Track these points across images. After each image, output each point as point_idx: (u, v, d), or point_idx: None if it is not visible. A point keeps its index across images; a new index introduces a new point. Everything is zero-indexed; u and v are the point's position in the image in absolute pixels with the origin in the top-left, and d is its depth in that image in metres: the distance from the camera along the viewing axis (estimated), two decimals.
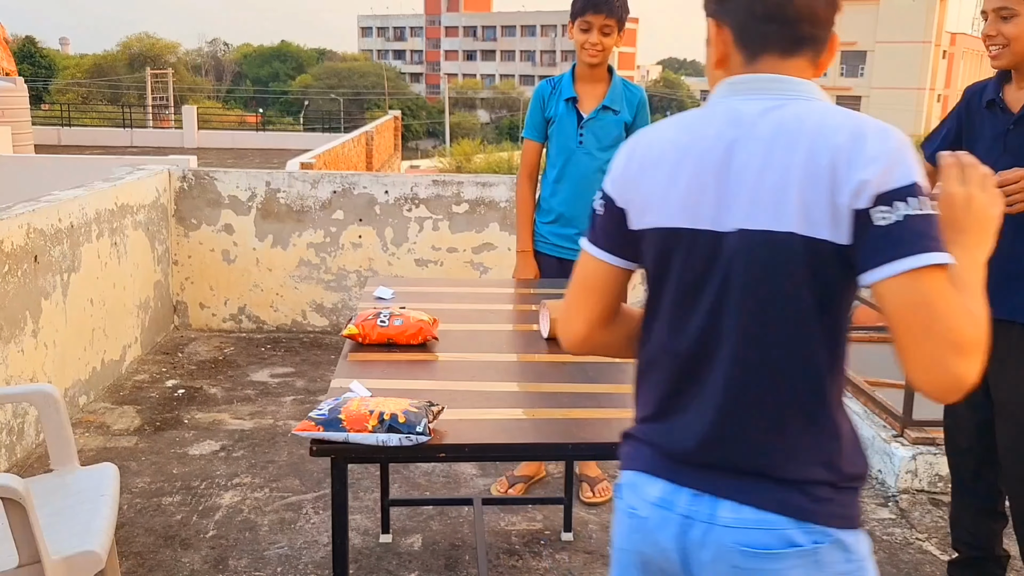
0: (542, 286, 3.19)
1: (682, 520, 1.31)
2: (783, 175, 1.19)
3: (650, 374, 1.36)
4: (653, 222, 1.30)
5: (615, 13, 3.17)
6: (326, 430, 1.74)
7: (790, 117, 1.22)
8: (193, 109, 25.28)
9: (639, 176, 1.32)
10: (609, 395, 2.04)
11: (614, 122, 3.31)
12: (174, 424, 4.09)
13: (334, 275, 5.53)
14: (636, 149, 1.34)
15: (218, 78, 75.94)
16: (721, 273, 1.25)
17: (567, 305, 1.43)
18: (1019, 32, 2.32)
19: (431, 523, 3.23)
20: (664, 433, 1.34)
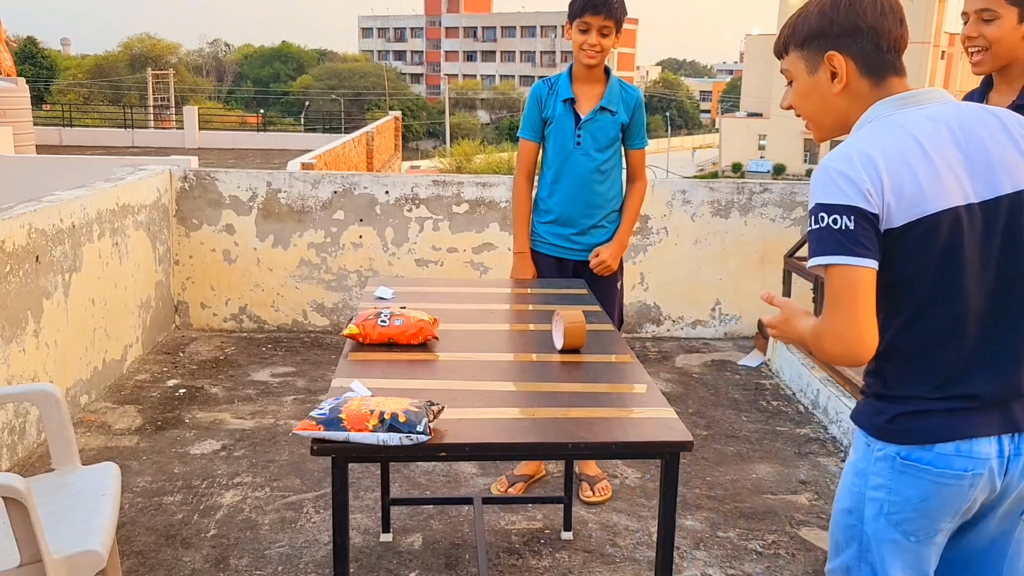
0: (540, 286, 3.19)
1: (1004, 463, 1.58)
2: (1004, 147, 1.55)
3: (933, 349, 1.57)
4: (924, 210, 1.51)
5: (613, 14, 3.17)
6: (327, 429, 1.75)
7: (960, 111, 1.57)
8: (194, 110, 25.27)
9: (894, 180, 1.50)
10: (609, 395, 2.05)
11: (611, 123, 3.31)
12: (175, 423, 4.10)
13: (335, 275, 5.54)
14: (874, 160, 1.51)
15: (219, 79, 75.97)
16: (1001, 233, 1.54)
17: (848, 324, 1.51)
18: (1001, 34, 2.30)
19: (431, 522, 3.24)
20: (971, 391, 1.56)
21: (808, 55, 1.66)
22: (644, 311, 5.65)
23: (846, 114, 1.65)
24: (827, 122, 1.70)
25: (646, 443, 1.89)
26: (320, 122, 41.48)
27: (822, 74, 1.64)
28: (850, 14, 1.60)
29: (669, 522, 1.87)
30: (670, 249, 5.60)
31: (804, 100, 1.70)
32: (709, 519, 3.32)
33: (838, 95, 1.64)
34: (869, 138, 1.56)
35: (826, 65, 1.63)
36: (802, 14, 1.69)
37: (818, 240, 1.52)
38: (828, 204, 1.51)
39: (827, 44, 1.62)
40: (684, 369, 5.08)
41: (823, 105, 1.67)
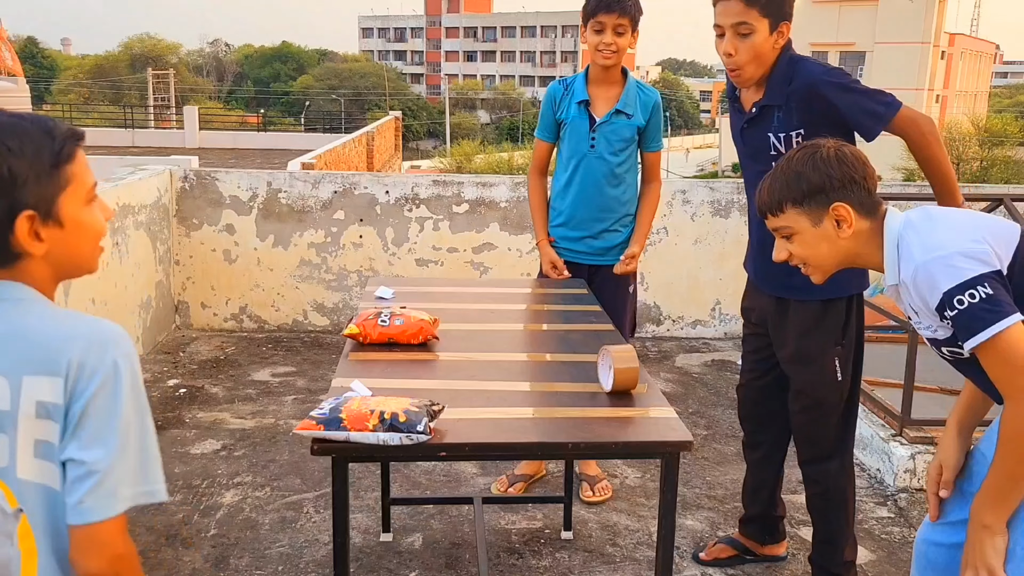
0: (541, 286, 3.19)
1: None
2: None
3: None
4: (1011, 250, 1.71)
5: (628, 12, 3.13)
6: (327, 429, 1.75)
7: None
8: (195, 109, 25.29)
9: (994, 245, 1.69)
10: (609, 395, 2.05)
11: (627, 126, 3.27)
12: (175, 423, 4.10)
13: (335, 275, 5.54)
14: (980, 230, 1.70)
15: (219, 79, 75.97)
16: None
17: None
18: (758, 47, 2.40)
19: (432, 522, 3.24)
20: None
21: (810, 210, 1.85)
22: (644, 311, 5.64)
23: (856, 251, 1.86)
24: (833, 263, 1.89)
25: (646, 443, 1.90)
26: (320, 122, 41.48)
27: (827, 223, 1.85)
28: (843, 168, 1.84)
29: (669, 522, 1.87)
30: (670, 249, 5.60)
31: (813, 249, 1.88)
32: (709, 519, 3.32)
33: (848, 239, 1.84)
34: (940, 224, 1.74)
35: (831, 216, 1.83)
36: (792, 174, 1.87)
37: (968, 320, 1.63)
38: (960, 284, 1.63)
39: (829, 197, 1.83)
40: (684, 369, 5.08)
41: (832, 250, 1.87)
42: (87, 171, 1.32)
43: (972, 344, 1.63)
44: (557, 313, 2.81)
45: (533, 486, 3.54)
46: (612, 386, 2.03)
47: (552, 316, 2.79)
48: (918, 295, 1.70)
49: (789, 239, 1.91)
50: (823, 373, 2.55)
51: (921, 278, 1.68)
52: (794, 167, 1.87)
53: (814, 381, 2.57)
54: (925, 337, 1.83)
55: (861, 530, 3.25)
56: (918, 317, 1.79)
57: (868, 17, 45.92)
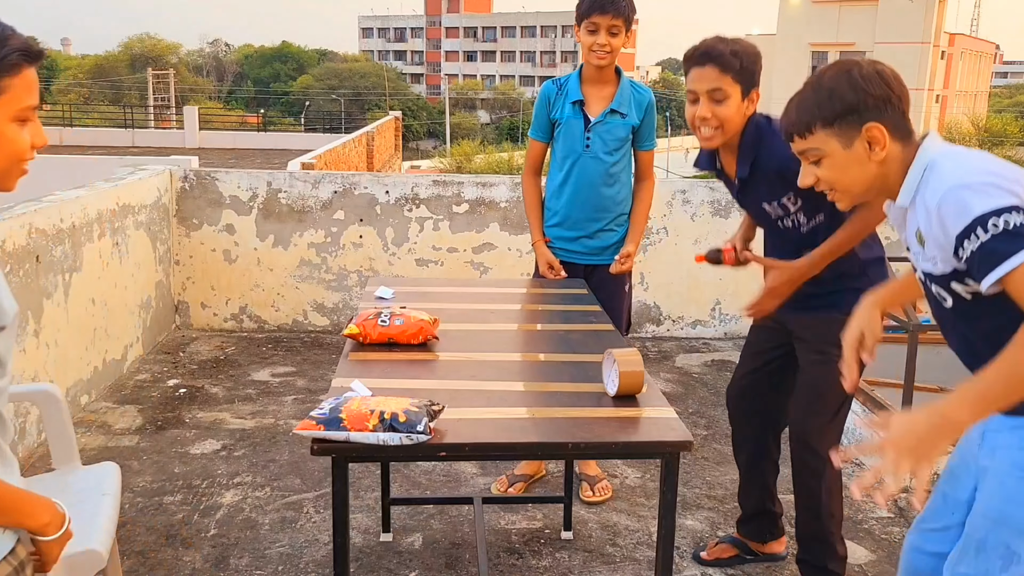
0: (541, 286, 3.19)
1: None
2: None
3: None
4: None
5: (622, 13, 3.13)
6: (327, 429, 1.75)
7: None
8: (194, 109, 25.29)
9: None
10: (607, 392, 2.05)
11: (621, 125, 3.27)
12: (175, 423, 4.10)
13: (335, 275, 5.54)
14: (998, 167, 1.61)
15: (219, 79, 75.98)
16: None
17: None
18: (731, 113, 2.48)
19: (432, 522, 3.24)
20: None
21: (841, 130, 1.73)
22: (644, 311, 5.65)
23: (885, 178, 1.75)
24: (861, 190, 1.78)
25: (646, 443, 1.90)
26: (320, 122, 41.49)
27: (859, 146, 1.73)
28: (882, 86, 1.72)
29: (669, 522, 1.87)
30: (670, 249, 5.60)
31: (842, 173, 1.76)
32: (709, 519, 3.32)
33: (879, 162, 1.73)
34: (977, 157, 1.65)
35: (863, 137, 1.72)
36: (824, 92, 1.74)
37: (1005, 243, 1.52)
38: (997, 209, 1.53)
39: (863, 117, 1.71)
40: (684, 369, 5.08)
41: (862, 174, 1.75)
42: (28, 91, 1.30)
43: (1003, 270, 1.52)
44: (557, 313, 2.81)
45: (533, 486, 3.54)
46: (617, 390, 2.00)
47: (552, 316, 2.78)
48: (938, 220, 1.60)
49: (817, 163, 1.79)
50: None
51: (950, 200, 1.57)
52: (826, 84, 1.75)
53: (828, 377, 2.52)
54: (920, 270, 1.75)
55: (861, 530, 3.25)
56: (920, 246, 1.70)
57: (868, 17, 45.92)
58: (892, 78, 1.74)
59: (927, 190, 1.65)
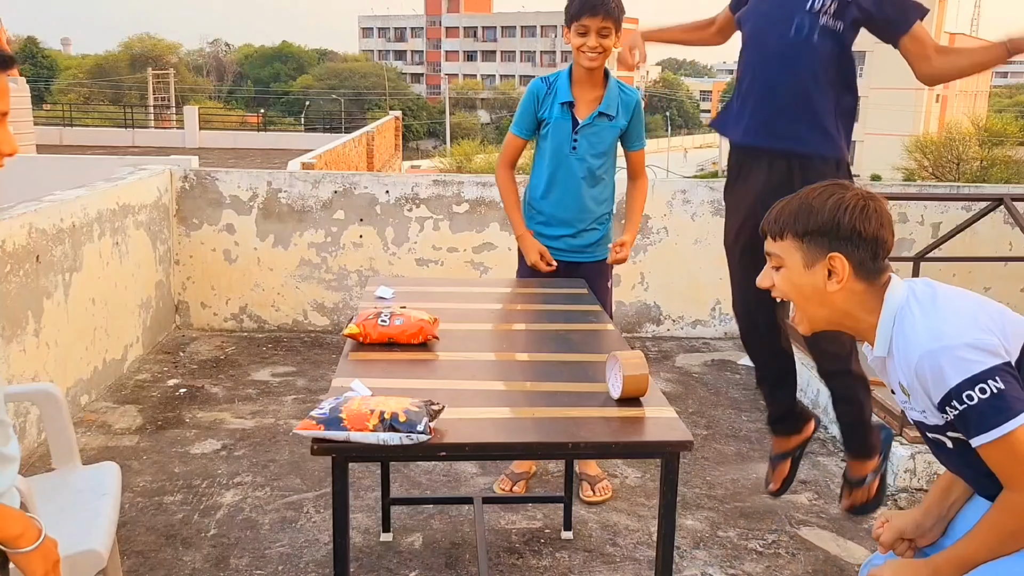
0: (541, 285, 3.19)
1: None
2: None
3: None
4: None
5: (612, 14, 3.13)
6: (327, 429, 1.75)
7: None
8: (195, 109, 25.28)
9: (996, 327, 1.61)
10: (609, 394, 2.04)
11: (609, 128, 3.27)
12: (175, 423, 4.10)
13: (335, 275, 5.54)
14: (978, 320, 1.61)
15: (219, 78, 75.98)
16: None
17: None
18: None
19: (432, 522, 3.24)
20: None
21: (807, 248, 1.70)
22: (644, 311, 5.65)
23: (849, 316, 1.72)
24: (820, 316, 1.75)
25: (646, 443, 1.90)
26: (320, 122, 41.50)
27: (818, 270, 1.70)
28: (857, 221, 1.67)
29: (669, 522, 1.87)
30: (670, 249, 5.60)
31: (796, 291, 1.74)
32: (709, 519, 3.32)
33: (836, 294, 1.70)
34: (947, 309, 1.64)
35: (825, 263, 1.69)
36: (805, 205, 1.71)
37: (980, 415, 1.54)
38: (970, 378, 1.55)
39: (830, 244, 1.68)
40: (684, 369, 5.08)
41: (818, 300, 1.72)
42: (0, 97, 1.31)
43: (982, 441, 1.56)
44: (557, 313, 2.81)
45: (532, 485, 3.54)
46: (621, 393, 1.98)
47: (552, 316, 2.78)
48: (920, 383, 1.61)
49: (777, 270, 1.76)
50: None
51: (927, 366, 1.58)
52: (810, 199, 1.72)
53: None
54: (911, 419, 1.75)
55: (861, 530, 3.25)
56: (905, 396, 1.70)
57: None
58: (876, 215, 1.68)
59: (902, 344, 1.64)
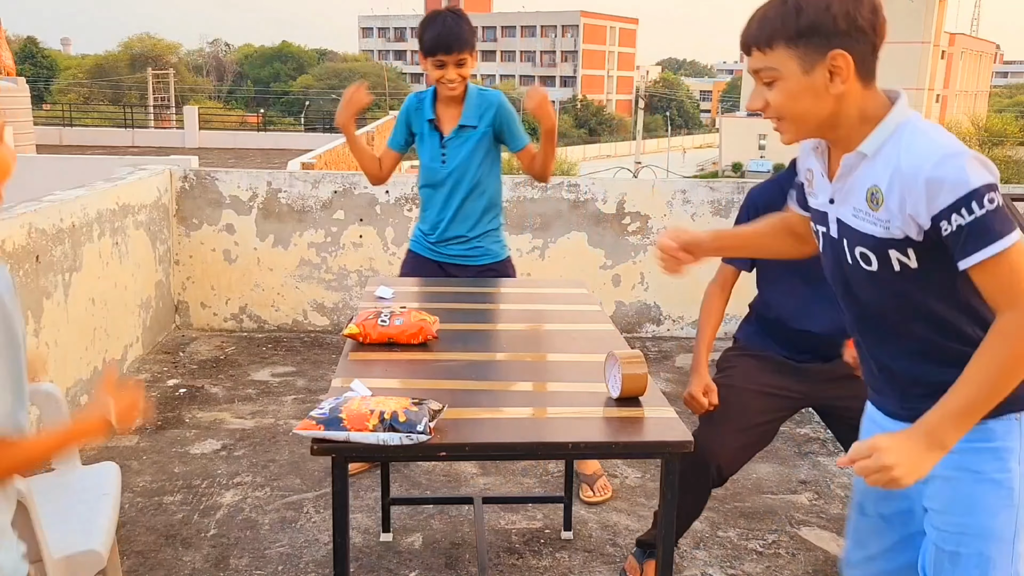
0: (540, 286, 3.19)
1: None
2: None
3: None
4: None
5: (466, 47, 3.19)
6: (327, 429, 1.75)
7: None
8: (194, 109, 25.28)
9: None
10: (609, 394, 2.05)
11: (474, 136, 3.32)
12: (175, 423, 4.10)
13: (335, 275, 5.54)
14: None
15: (219, 78, 75.97)
16: None
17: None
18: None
19: (431, 522, 3.24)
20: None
21: (805, 52, 1.53)
22: (644, 311, 5.65)
23: (837, 118, 1.59)
24: (813, 124, 1.60)
25: (646, 443, 1.90)
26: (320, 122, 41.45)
27: (819, 73, 1.54)
28: (851, 8, 1.51)
29: (669, 522, 1.87)
30: None
31: (794, 101, 1.57)
32: (709, 519, 3.32)
33: (834, 97, 1.56)
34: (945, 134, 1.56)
35: (826, 64, 1.53)
36: (789, 4, 1.54)
37: (994, 224, 1.46)
38: (990, 184, 1.47)
39: (831, 42, 1.52)
40: (684, 369, 5.08)
41: (816, 105, 1.57)
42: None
43: (989, 252, 1.46)
44: (557, 313, 2.81)
45: (531, 483, 3.54)
46: (620, 393, 1.98)
47: (552, 316, 2.78)
48: (925, 186, 1.48)
49: (770, 85, 1.59)
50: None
51: (948, 167, 1.46)
52: (788, 1, 1.54)
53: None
54: (846, 228, 1.63)
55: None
56: (869, 205, 1.58)
57: None
58: (872, 8, 1.53)
59: (902, 151, 1.53)
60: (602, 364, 2.12)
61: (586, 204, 5.49)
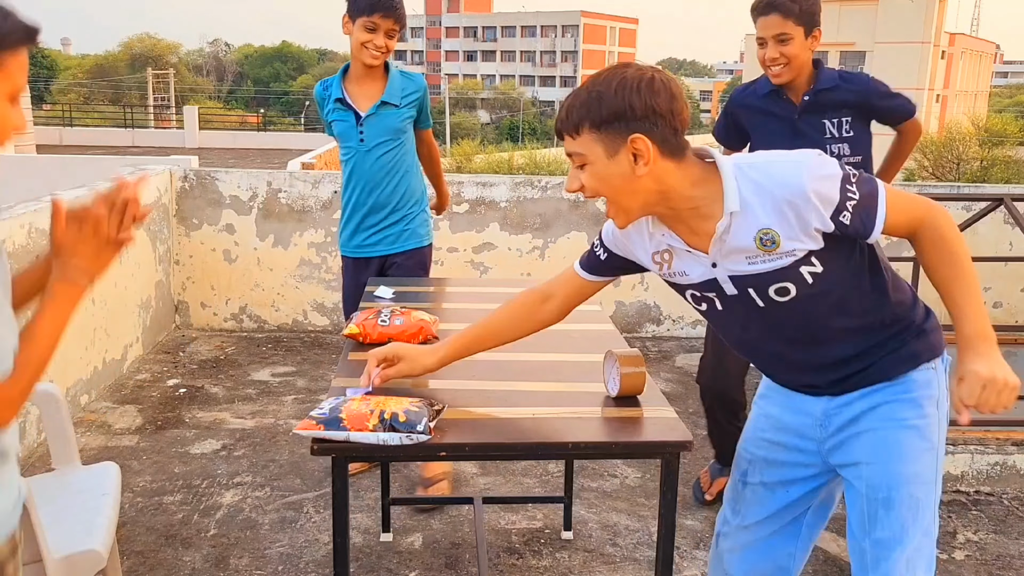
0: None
1: None
2: None
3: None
4: None
5: (401, 20, 3.17)
6: (327, 429, 1.75)
7: None
8: (194, 109, 25.29)
9: None
10: (608, 394, 2.04)
11: (395, 115, 3.28)
12: (175, 423, 4.10)
13: (335, 275, 5.53)
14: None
15: (219, 78, 75.98)
16: None
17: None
18: (797, 51, 2.89)
19: (431, 522, 3.24)
20: None
21: (606, 137, 1.62)
22: (644, 311, 5.65)
23: (665, 196, 1.66)
24: (635, 204, 1.68)
25: (646, 443, 1.89)
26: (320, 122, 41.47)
27: (623, 157, 1.62)
28: (647, 98, 1.60)
29: (669, 522, 1.87)
30: None
31: (604, 183, 1.66)
32: (709, 519, 3.32)
33: (645, 177, 1.63)
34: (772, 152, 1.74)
35: (628, 148, 1.61)
36: (592, 94, 1.62)
37: (865, 187, 1.64)
38: (832, 161, 1.66)
39: (628, 127, 1.61)
40: (684, 369, 5.08)
41: (628, 188, 1.65)
42: (21, 73, 1.32)
43: (882, 209, 1.63)
44: None
45: (530, 482, 3.53)
46: (618, 391, 1.99)
47: None
48: (815, 199, 1.59)
49: (583, 168, 1.67)
50: None
51: (815, 175, 1.60)
52: (596, 87, 1.63)
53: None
54: (739, 276, 1.71)
55: None
56: (762, 249, 1.66)
57: (868, 17, 45.91)
58: (664, 88, 1.62)
59: (767, 185, 1.62)
60: (601, 364, 2.12)
61: (586, 204, 5.49)
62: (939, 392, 1.80)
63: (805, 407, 1.88)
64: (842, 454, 1.84)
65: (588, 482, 3.57)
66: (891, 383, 1.79)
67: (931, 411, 1.79)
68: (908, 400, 1.78)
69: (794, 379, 1.90)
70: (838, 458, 1.85)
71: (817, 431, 1.87)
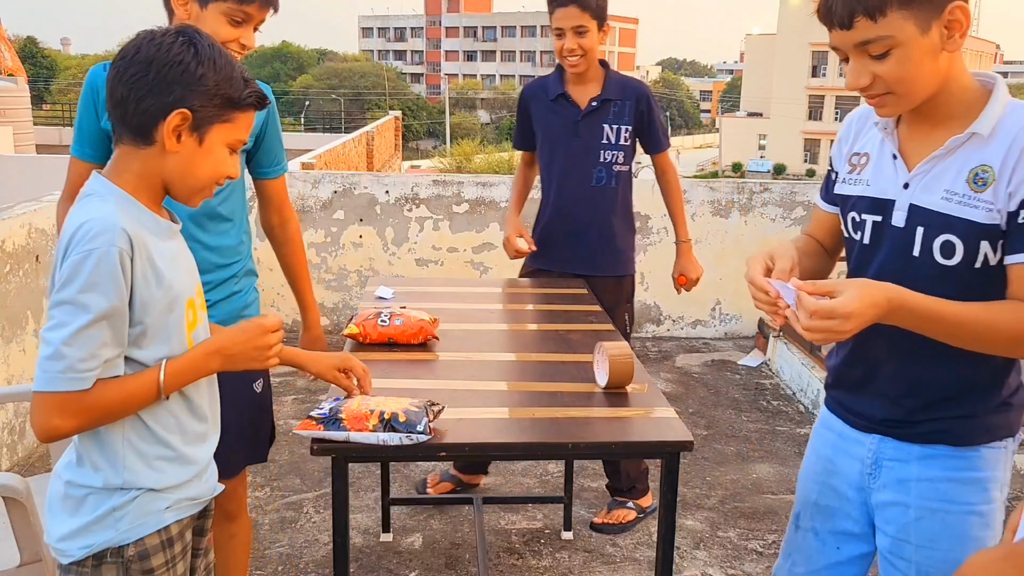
0: (540, 286, 3.19)
1: None
2: None
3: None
4: None
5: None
6: (327, 429, 1.75)
7: None
8: None
9: None
10: (609, 394, 2.05)
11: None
12: None
13: (335, 275, 5.54)
14: None
15: None
16: None
17: None
18: (592, 43, 2.97)
19: (431, 522, 3.24)
20: None
21: (920, 10, 1.37)
22: (644, 311, 5.64)
23: (950, 78, 1.45)
24: (928, 89, 1.43)
25: (646, 443, 1.89)
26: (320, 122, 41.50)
27: (935, 31, 1.38)
28: None
29: (669, 522, 1.87)
30: (670, 249, 5.57)
31: (917, 67, 1.40)
32: (709, 519, 3.32)
33: (948, 57, 1.42)
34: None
35: (944, 19, 1.38)
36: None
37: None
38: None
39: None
40: (684, 369, 5.08)
41: (933, 69, 1.41)
42: (245, 130, 1.48)
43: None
44: (557, 313, 2.80)
45: (531, 482, 3.53)
46: (607, 382, 2.01)
47: (552, 316, 2.78)
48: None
49: (883, 56, 1.40)
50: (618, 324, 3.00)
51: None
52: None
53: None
54: (925, 214, 1.48)
55: None
56: (972, 188, 1.43)
57: None
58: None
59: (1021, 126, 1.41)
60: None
61: None
62: (1004, 475, 1.59)
63: (854, 450, 1.66)
64: (884, 517, 1.63)
65: (588, 482, 3.57)
66: (957, 453, 1.55)
67: (996, 495, 1.57)
68: (975, 481, 1.56)
69: (867, 378, 1.64)
70: (879, 519, 1.65)
71: (865, 479, 1.65)
